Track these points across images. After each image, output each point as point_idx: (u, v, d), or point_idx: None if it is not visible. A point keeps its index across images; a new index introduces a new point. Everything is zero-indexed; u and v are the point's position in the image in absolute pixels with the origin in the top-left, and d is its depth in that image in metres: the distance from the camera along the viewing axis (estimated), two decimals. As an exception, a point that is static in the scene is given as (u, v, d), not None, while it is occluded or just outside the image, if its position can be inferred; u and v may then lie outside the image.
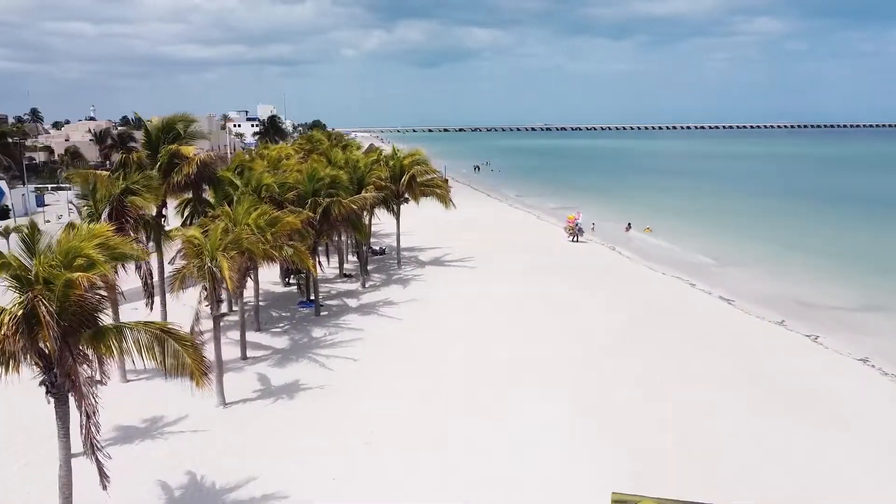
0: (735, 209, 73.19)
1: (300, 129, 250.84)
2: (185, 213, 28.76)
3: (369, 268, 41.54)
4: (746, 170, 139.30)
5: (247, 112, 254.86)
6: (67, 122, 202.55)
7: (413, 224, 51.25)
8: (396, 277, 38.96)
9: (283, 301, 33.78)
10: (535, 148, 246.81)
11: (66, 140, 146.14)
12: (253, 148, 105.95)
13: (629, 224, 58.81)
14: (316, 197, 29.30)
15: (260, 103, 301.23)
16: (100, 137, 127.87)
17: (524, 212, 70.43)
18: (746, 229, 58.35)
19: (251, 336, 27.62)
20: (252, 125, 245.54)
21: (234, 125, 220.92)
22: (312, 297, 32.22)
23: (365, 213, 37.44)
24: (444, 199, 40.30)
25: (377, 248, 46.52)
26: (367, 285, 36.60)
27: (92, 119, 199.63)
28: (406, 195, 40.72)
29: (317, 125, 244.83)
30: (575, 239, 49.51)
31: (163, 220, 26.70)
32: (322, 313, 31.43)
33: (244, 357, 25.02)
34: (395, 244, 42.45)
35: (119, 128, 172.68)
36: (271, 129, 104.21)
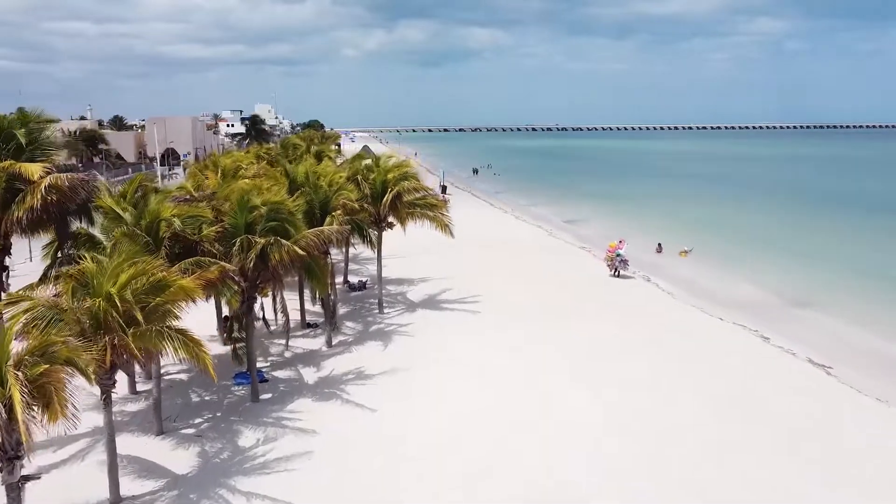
0: (776, 223, 63.89)
1: (298, 128, 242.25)
2: (52, 260, 19.46)
3: (343, 311, 32.34)
4: (766, 173, 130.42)
5: (241, 112, 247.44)
6: (59, 121, 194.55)
7: (401, 244, 41.80)
8: (376, 328, 29.67)
9: (219, 371, 24.43)
10: (537, 149, 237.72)
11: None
12: (234, 150, 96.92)
13: (659, 244, 49.61)
14: (249, 235, 20.05)
15: (257, 103, 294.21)
16: (75, 138, 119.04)
17: (533, 225, 61.22)
18: (802, 250, 48.97)
19: (144, 446, 18.43)
20: (245, 125, 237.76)
21: (228, 125, 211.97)
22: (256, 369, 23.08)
23: (337, 246, 28.27)
24: (441, 225, 31.04)
25: (355, 281, 37.26)
26: (334, 343, 27.35)
27: (83, 118, 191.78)
28: (390, 219, 31.48)
29: (312, 125, 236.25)
30: (616, 273, 39.89)
31: (4, 275, 17.48)
32: (264, 396, 22.15)
33: (116, 499, 15.76)
34: (378, 275, 33.01)
35: (103, 128, 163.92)
36: (253, 131, 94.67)
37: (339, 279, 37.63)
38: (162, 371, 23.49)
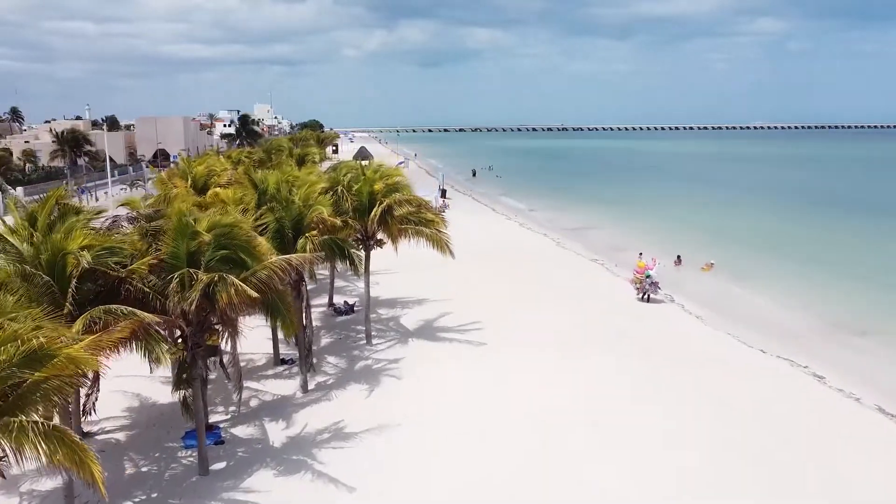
0: (801, 230, 59.16)
1: (297, 128, 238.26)
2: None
3: (325, 341, 28.06)
4: (779, 175, 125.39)
5: (238, 111, 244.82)
6: (53, 120, 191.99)
7: (396, 258, 37.38)
8: (362, 366, 25.28)
9: (168, 426, 20.15)
10: (538, 149, 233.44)
11: (29, 141, 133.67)
12: (222, 151, 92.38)
13: (679, 257, 45.17)
14: (193, 267, 15.72)
15: (256, 102, 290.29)
16: (61, 139, 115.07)
17: (538, 233, 56.84)
18: (837, 262, 44.57)
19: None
20: (235, 125, 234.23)
21: (225, 125, 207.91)
22: (209, 425, 18.82)
23: (310, 275, 23.93)
24: (439, 243, 26.69)
25: (341, 304, 32.86)
26: (311, 386, 22.98)
27: (78, 118, 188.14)
28: (379, 235, 27.17)
29: (307, 126, 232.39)
30: (646, 296, 34.49)
31: None
32: (216, 465, 17.79)
33: None
34: (366, 303, 28.55)
35: (94, 128, 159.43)
36: (243, 131, 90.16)
37: (323, 300, 33.38)
38: (94, 429, 19.26)
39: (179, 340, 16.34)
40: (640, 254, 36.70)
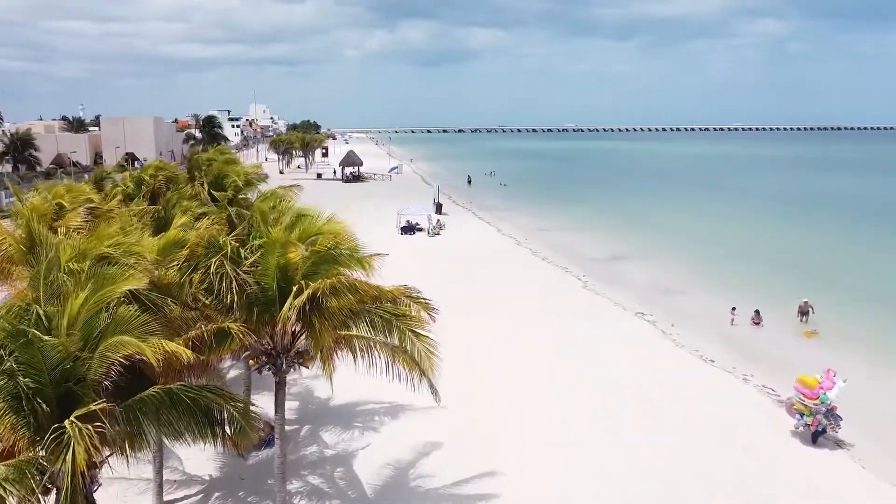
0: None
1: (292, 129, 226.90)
2: None
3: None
4: (817, 181, 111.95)
5: (229, 112, 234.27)
6: (41, 119, 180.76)
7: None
8: None
9: None
10: (540, 151, 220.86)
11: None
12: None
13: (757, 312, 32.15)
14: None
15: (253, 103, 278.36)
16: (8, 142, 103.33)
17: (559, 267, 44.38)
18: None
19: None
20: (233, 125, 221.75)
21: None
22: None
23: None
24: (412, 368, 13.96)
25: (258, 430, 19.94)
26: None
27: (64, 118, 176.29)
28: (303, 345, 14.41)
29: (298, 127, 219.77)
30: (820, 434, 19.74)
31: None
32: None
33: None
34: (279, 481, 15.68)
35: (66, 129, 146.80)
36: (207, 136, 77.37)
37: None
38: None
39: None
40: (829, 371, 21.37)
